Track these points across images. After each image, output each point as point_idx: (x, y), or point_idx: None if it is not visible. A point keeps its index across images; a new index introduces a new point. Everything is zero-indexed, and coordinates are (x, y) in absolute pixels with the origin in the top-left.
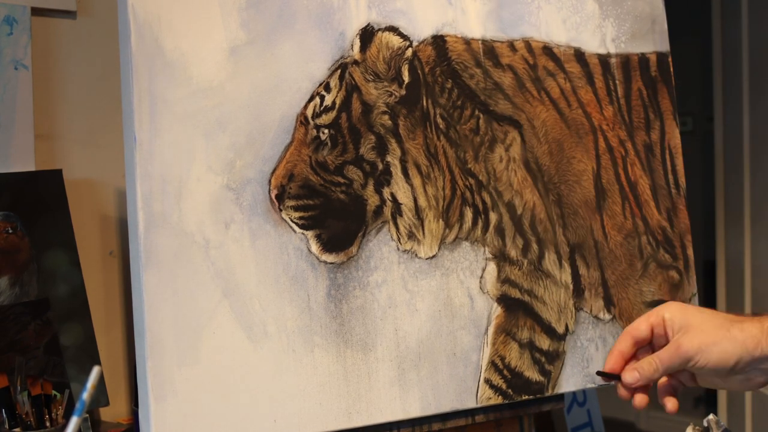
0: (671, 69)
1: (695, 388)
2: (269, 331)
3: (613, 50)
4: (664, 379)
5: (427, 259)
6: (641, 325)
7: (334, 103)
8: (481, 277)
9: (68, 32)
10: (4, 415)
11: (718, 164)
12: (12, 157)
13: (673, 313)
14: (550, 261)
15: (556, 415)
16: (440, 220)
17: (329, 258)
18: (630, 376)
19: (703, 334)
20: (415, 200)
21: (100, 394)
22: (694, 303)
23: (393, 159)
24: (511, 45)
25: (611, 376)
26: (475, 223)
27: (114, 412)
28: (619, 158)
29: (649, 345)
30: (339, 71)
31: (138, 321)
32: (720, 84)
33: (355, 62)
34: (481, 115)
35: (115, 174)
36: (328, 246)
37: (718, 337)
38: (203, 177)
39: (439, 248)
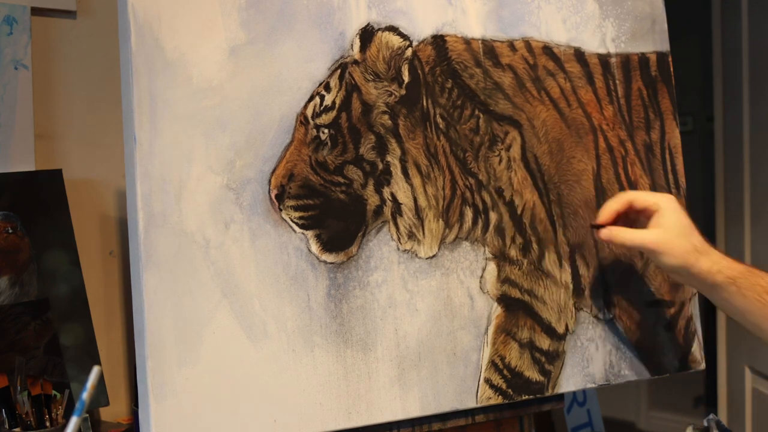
0: (671, 69)
1: (695, 388)
2: (269, 331)
3: (613, 50)
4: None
5: (427, 258)
6: (640, 203)
7: (334, 102)
8: (481, 276)
9: (68, 32)
10: (4, 415)
11: (718, 164)
12: (12, 157)
13: (666, 210)
14: (550, 261)
15: (556, 415)
16: (440, 219)
17: (329, 258)
18: (605, 235)
19: (672, 250)
20: (415, 200)
21: (100, 394)
22: (694, 303)
23: (393, 159)
24: (511, 45)
25: (598, 227)
26: (475, 222)
27: (114, 412)
28: (619, 158)
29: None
30: (339, 71)
31: (138, 321)
32: (720, 84)
33: (355, 62)
34: (481, 115)
35: (115, 174)
36: (328, 246)
37: (684, 259)
38: (203, 177)
39: (439, 248)
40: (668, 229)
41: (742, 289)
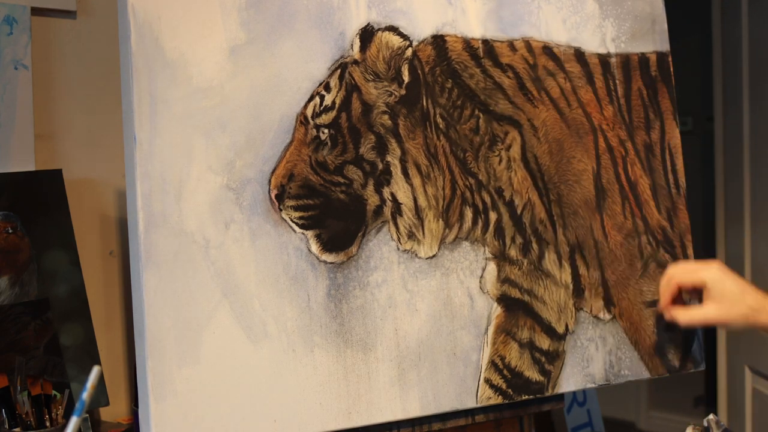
0: (671, 69)
1: (695, 388)
2: (269, 331)
3: (613, 50)
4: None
5: (427, 258)
6: (687, 285)
7: (333, 102)
8: (481, 276)
9: (68, 32)
10: (4, 415)
11: (718, 164)
12: (12, 157)
13: (713, 282)
14: (550, 261)
15: (556, 415)
16: (440, 219)
17: (329, 258)
18: (667, 317)
19: (731, 320)
20: (415, 200)
21: (100, 394)
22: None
23: (393, 159)
24: (511, 45)
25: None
26: (475, 222)
27: (114, 412)
28: (619, 158)
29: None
30: (339, 71)
31: (138, 321)
32: (720, 84)
33: (355, 62)
34: (481, 115)
35: (115, 174)
36: (328, 246)
37: (744, 323)
38: (203, 177)
39: (439, 248)
40: (721, 301)
41: None
